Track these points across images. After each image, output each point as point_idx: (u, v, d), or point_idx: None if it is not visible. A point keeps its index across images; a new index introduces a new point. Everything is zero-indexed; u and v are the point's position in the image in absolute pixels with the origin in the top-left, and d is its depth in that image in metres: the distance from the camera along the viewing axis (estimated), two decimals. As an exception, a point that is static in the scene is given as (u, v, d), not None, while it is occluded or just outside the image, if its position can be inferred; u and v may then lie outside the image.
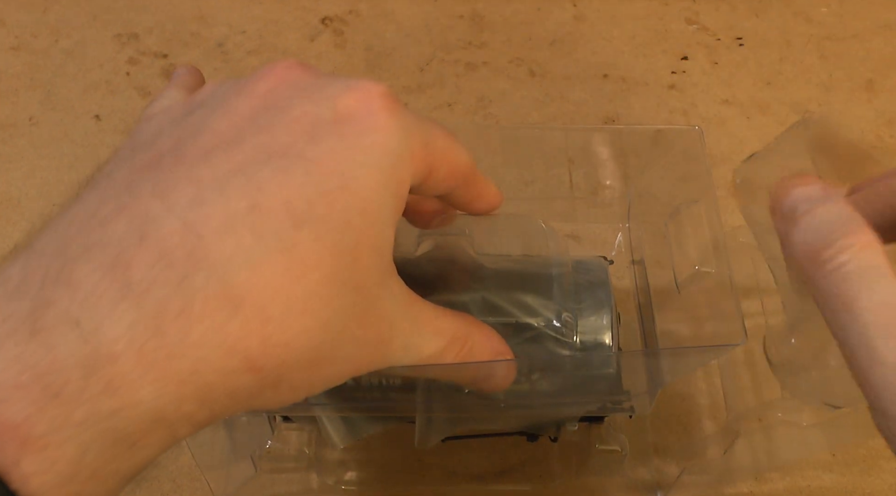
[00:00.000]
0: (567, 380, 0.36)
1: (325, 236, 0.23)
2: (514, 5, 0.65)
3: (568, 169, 0.49)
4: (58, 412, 0.20)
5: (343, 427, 0.38)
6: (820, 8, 0.65)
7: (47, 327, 0.20)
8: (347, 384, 0.35)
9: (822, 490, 0.44)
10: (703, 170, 0.37)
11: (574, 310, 0.36)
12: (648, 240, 0.41)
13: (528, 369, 0.35)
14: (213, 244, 0.22)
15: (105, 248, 0.22)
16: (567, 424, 0.39)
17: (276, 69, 0.27)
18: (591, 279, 0.37)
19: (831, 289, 0.25)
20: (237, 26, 0.63)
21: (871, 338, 0.24)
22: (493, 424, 0.39)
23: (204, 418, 0.23)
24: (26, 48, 0.62)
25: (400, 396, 0.36)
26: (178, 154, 0.24)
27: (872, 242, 0.25)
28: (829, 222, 0.26)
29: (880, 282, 0.25)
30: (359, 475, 0.45)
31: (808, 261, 0.26)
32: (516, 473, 0.45)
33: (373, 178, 0.24)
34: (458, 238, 0.38)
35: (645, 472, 0.44)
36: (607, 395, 0.36)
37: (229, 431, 0.40)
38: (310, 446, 0.45)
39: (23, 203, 0.54)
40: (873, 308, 0.24)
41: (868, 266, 0.25)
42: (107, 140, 0.57)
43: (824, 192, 0.27)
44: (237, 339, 0.22)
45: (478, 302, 0.36)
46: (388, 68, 0.61)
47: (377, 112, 0.25)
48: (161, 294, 0.21)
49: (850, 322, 0.25)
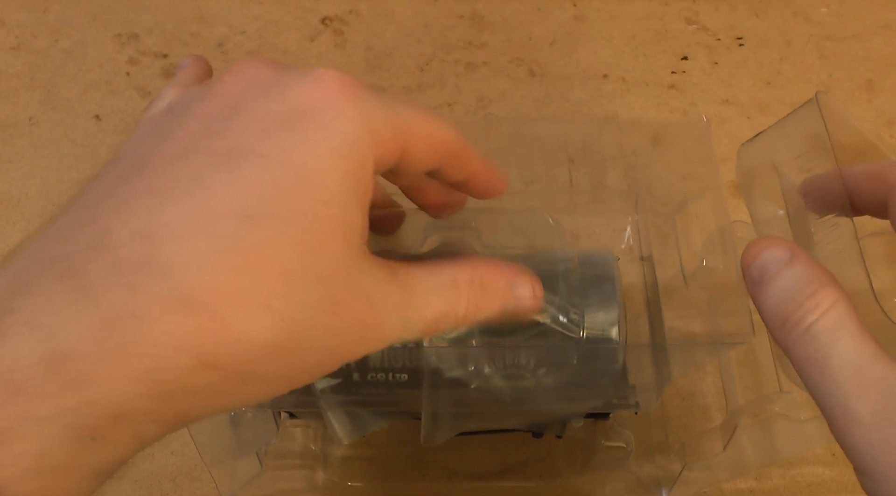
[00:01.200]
0: (573, 375, 0.36)
1: (283, 231, 0.23)
2: (514, 5, 0.65)
3: (568, 168, 0.49)
4: (21, 407, 0.21)
5: (348, 423, 0.38)
6: (820, 8, 0.65)
7: (7, 331, 0.21)
8: (353, 379, 0.35)
9: (822, 486, 0.44)
10: (710, 162, 0.37)
11: (581, 305, 0.36)
12: (656, 233, 0.41)
13: (535, 365, 0.35)
14: (166, 250, 0.22)
15: (64, 260, 0.22)
16: (573, 421, 0.39)
17: (237, 69, 0.27)
18: (597, 274, 0.37)
19: (803, 353, 0.25)
20: (237, 26, 0.63)
21: (846, 399, 0.24)
22: (498, 421, 0.39)
23: (171, 417, 0.23)
24: (26, 48, 0.62)
25: (406, 392, 0.36)
26: (142, 166, 0.24)
27: (839, 300, 0.25)
28: (795, 285, 0.26)
29: (850, 341, 0.25)
30: (364, 472, 0.45)
31: (779, 327, 0.26)
32: (520, 471, 0.45)
33: (330, 167, 0.24)
34: (464, 233, 0.38)
35: (650, 469, 0.44)
36: (613, 391, 0.36)
37: (235, 428, 0.40)
38: (316, 443, 0.45)
39: (23, 203, 0.54)
40: (844, 368, 0.24)
41: (836, 326, 0.25)
42: (107, 140, 0.57)
43: (790, 252, 0.27)
44: (189, 338, 0.22)
45: None
46: (388, 68, 0.61)
47: (331, 99, 0.25)
48: (115, 297, 0.22)
49: (824, 384, 0.25)
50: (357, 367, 0.36)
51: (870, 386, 0.24)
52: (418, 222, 0.39)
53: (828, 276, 0.26)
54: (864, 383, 0.24)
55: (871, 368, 0.24)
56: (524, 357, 0.35)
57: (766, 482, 0.45)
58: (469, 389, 0.35)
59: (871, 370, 0.24)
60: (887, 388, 0.24)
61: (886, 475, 0.24)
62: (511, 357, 0.35)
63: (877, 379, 0.24)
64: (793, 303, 0.26)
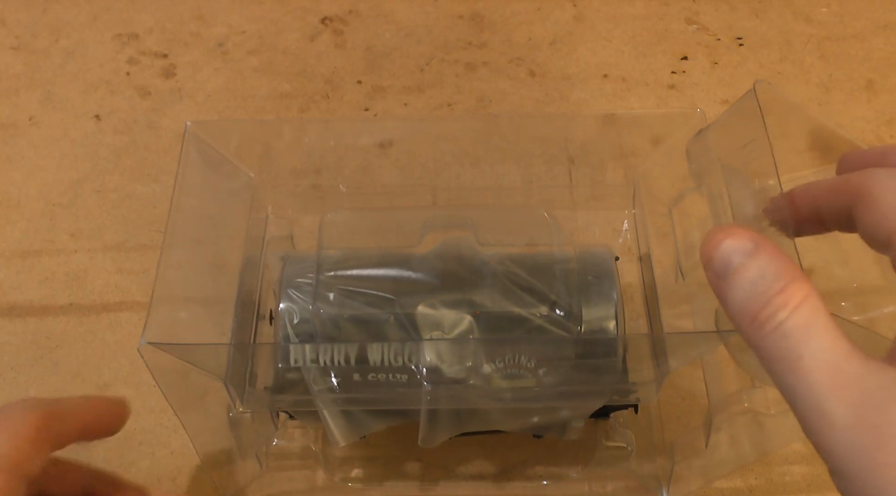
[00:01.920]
0: (573, 373, 0.36)
1: None
2: (514, 5, 0.65)
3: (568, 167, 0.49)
4: None
5: (345, 425, 0.38)
6: (820, 8, 0.65)
7: None
8: (353, 379, 0.35)
9: (824, 479, 0.44)
10: (707, 153, 0.36)
11: (579, 301, 0.36)
12: (653, 226, 0.41)
13: (535, 364, 0.35)
14: None
15: None
16: (574, 422, 0.39)
17: None
18: (596, 271, 0.37)
19: (773, 351, 0.24)
20: (237, 26, 0.63)
21: (821, 400, 0.23)
22: (499, 423, 0.39)
23: None
24: (26, 48, 0.62)
25: (405, 392, 0.36)
26: None
27: (810, 295, 0.24)
28: (762, 278, 0.25)
29: (823, 338, 0.24)
30: (364, 472, 0.45)
31: (747, 324, 0.25)
32: (520, 471, 0.45)
33: None
34: (464, 231, 0.38)
35: (650, 469, 0.44)
36: (614, 384, 0.36)
37: (235, 430, 0.40)
38: (315, 443, 0.45)
39: (23, 203, 0.54)
40: (818, 367, 0.23)
41: (808, 323, 0.24)
42: (107, 140, 0.57)
43: (753, 242, 0.25)
44: None
45: (485, 297, 0.36)
46: (388, 68, 0.61)
47: None
48: None
49: (796, 384, 0.24)
50: (357, 368, 0.36)
51: (845, 386, 0.23)
52: (416, 220, 0.39)
53: (796, 269, 0.25)
54: (840, 383, 0.23)
55: (846, 367, 0.23)
56: (524, 355, 0.35)
57: (765, 478, 0.45)
58: (469, 388, 0.35)
59: (847, 368, 0.23)
60: (864, 388, 0.23)
61: (864, 478, 0.23)
62: (511, 355, 0.35)
63: (853, 378, 0.23)
64: (761, 299, 0.24)
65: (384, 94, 0.60)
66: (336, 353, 0.36)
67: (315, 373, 0.36)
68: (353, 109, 0.59)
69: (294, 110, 0.59)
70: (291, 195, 0.54)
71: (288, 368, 0.36)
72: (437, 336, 0.36)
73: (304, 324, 0.36)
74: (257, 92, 0.60)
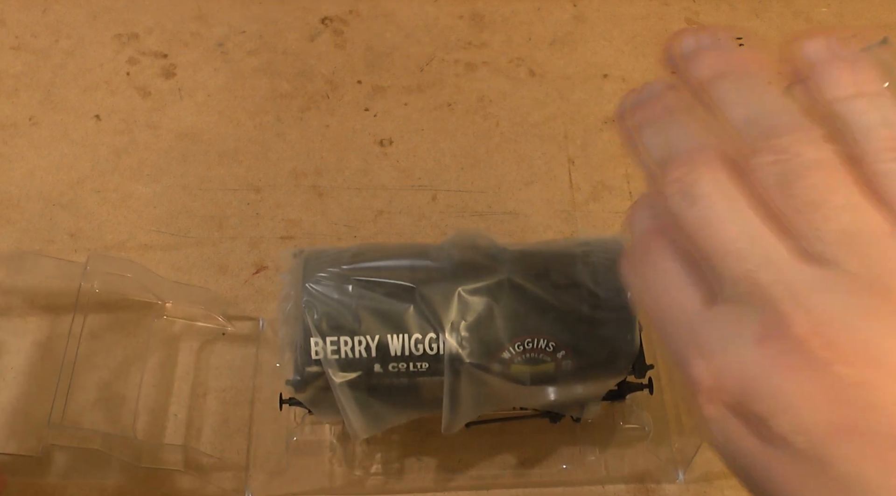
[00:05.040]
0: (591, 351, 0.36)
1: None
2: (514, 5, 0.65)
3: (567, 166, 0.49)
4: None
5: (364, 418, 0.38)
6: (820, 8, 0.65)
7: None
8: (375, 370, 0.36)
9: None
10: None
11: (595, 281, 0.37)
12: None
13: (554, 348, 0.36)
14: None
15: None
16: (591, 404, 0.39)
17: None
18: (611, 255, 0.37)
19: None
20: (237, 26, 0.63)
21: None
22: (517, 402, 0.39)
23: None
24: (26, 48, 0.62)
25: (426, 380, 0.36)
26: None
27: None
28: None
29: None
30: (384, 466, 0.45)
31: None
32: (538, 459, 0.45)
33: None
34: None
35: (666, 451, 0.45)
36: (631, 368, 0.37)
37: (257, 426, 0.40)
38: (336, 437, 0.45)
39: (23, 203, 0.54)
40: None
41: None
42: (106, 140, 0.57)
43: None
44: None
45: (504, 284, 0.37)
46: (388, 68, 0.61)
47: None
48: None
49: None
50: (379, 358, 0.36)
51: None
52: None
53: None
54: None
55: None
56: (543, 339, 0.35)
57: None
58: (489, 375, 0.36)
59: None
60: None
61: None
62: (531, 340, 0.36)
63: None
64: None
65: (384, 94, 0.60)
66: (357, 345, 0.36)
67: (336, 366, 0.36)
68: (353, 109, 0.59)
69: (294, 110, 0.59)
70: (292, 195, 0.54)
71: (308, 362, 0.36)
72: (457, 322, 0.36)
73: (325, 318, 0.36)
74: (257, 92, 0.60)
